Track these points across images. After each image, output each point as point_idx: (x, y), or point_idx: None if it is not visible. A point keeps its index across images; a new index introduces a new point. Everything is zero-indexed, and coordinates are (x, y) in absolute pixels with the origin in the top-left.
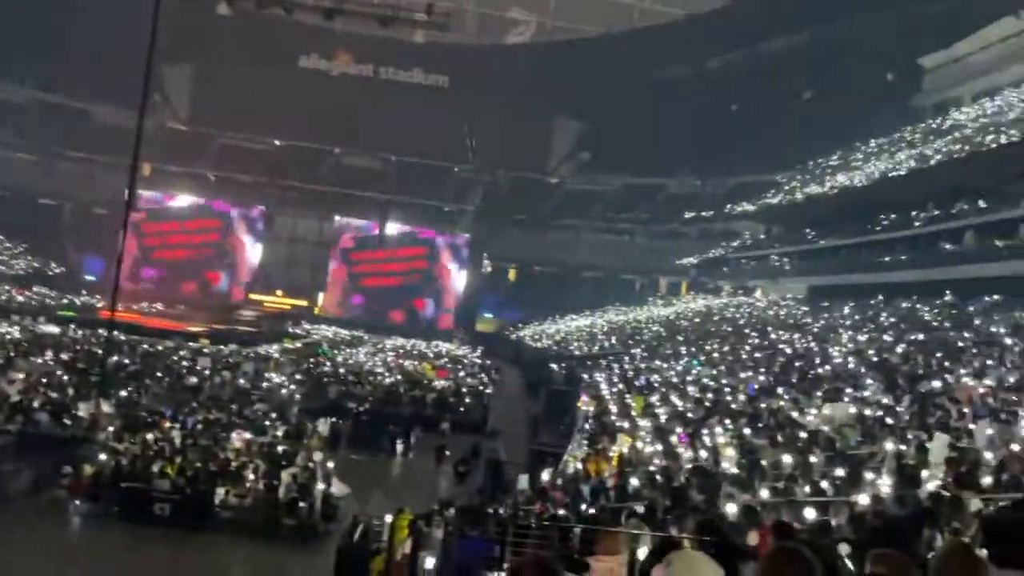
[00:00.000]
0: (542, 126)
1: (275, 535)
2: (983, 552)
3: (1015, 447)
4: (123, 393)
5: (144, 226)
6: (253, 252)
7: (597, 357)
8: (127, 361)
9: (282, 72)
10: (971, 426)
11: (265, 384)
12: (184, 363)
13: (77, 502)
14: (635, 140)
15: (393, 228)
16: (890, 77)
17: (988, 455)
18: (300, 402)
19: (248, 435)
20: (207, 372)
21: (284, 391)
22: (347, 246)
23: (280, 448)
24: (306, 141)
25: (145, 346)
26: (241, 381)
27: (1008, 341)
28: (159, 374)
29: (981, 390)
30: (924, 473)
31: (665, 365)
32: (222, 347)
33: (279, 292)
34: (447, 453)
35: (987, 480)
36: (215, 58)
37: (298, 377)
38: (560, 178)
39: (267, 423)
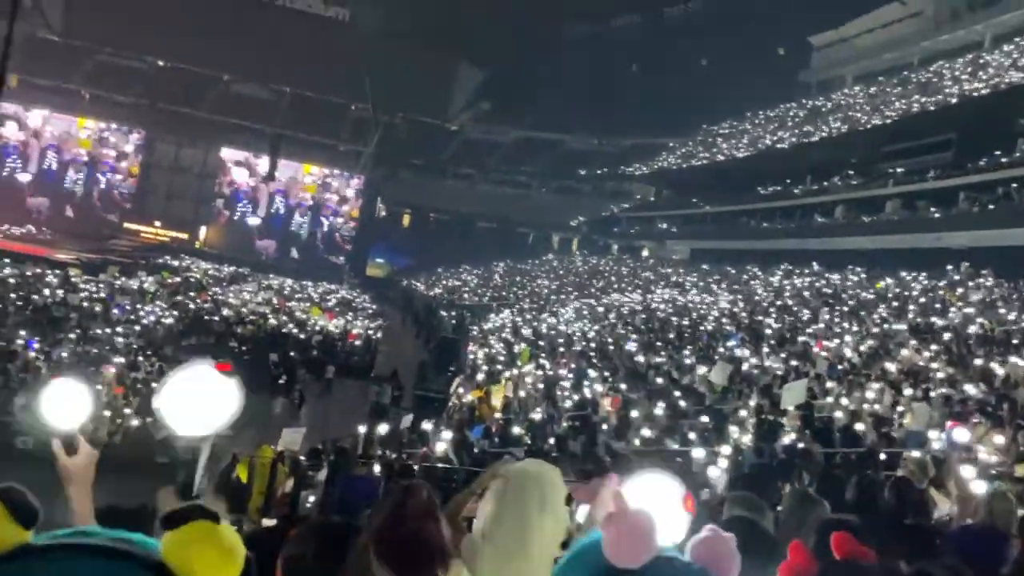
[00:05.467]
0: (444, 70)
1: (148, 473)
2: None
3: (865, 406)
4: None
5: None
6: (131, 179)
7: (486, 307)
8: None
9: None
10: (828, 385)
11: (139, 316)
12: (51, 291)
13: None
14: (536, 93)
15: (283, 165)
16: (781, 52)
17: (839, 414)
18: (178, 338)
19: (119, 370)
20: (76, 303)
21: (160, 326)
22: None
23: (154, 384)
24: (192, 64)
25: (7, 271)
26: (115, 312)
27: (865, 311)
28: (22, 302)
29: (831, 351)
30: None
31: (553, 318)
32: (94, 277)
33: (158, 223)
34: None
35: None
36: None
37: (175, 312)
38: (459, 125)
39: (140, 358)
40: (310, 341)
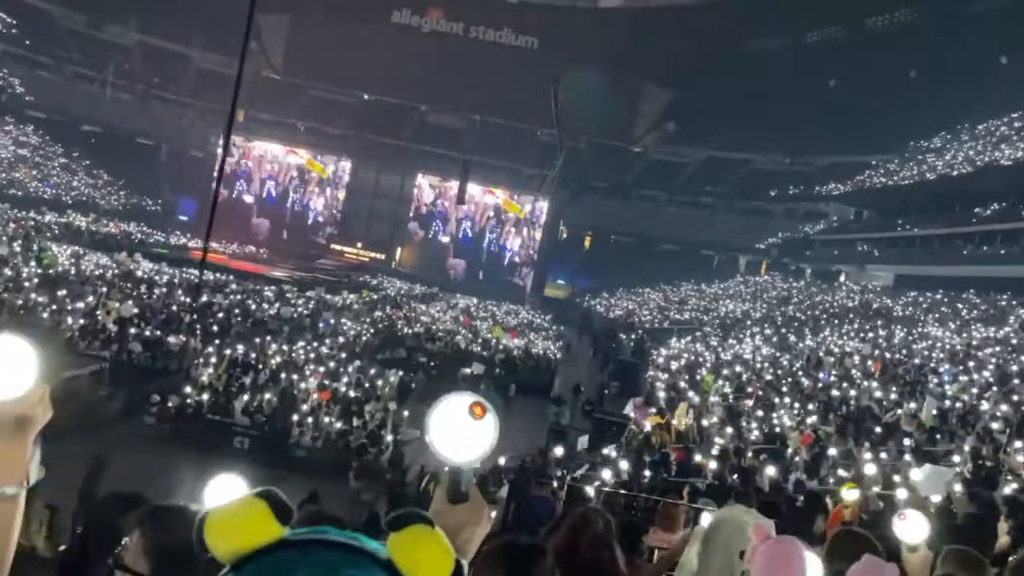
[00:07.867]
0: (629, 93)
1: (344, 477)
2: None
3: None
4: (211, 331)
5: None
6: (337, 204)
7: (669, 331)
8: (215, 301)
9: (374, 26)
10: None
11: (342, 330)
12: (268, 306)
13: (163, 429)
14: (723, 112)
15: (472, 188)
16: (1004, 60)
17: None
18: (374, 351)
19: (324, 380)
20: (289, 315)
21: (359, 339)
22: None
23: (352, 394)
24: (393, 96)
25: (232, 287)
26: (320, 325)
27: None
28: (243, 316)
29: None
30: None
31: (739, 345)
32: (304, 293)
33: (359, 244)
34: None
35: None
36: (311, 10)
37: (372, 329)
38: (644, 147)
39: (341, 369)
40: (493, 359)
